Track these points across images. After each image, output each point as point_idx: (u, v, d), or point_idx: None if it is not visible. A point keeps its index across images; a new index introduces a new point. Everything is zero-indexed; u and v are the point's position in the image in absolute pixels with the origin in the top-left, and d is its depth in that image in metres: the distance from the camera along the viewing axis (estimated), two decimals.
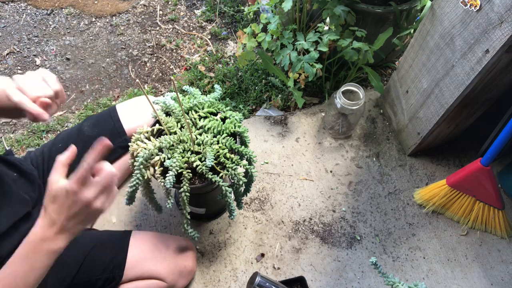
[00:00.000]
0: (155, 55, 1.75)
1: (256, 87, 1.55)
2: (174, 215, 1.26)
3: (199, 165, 0.89)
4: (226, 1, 1.90)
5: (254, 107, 1.54)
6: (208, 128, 0.96)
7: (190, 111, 0.99)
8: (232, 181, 0.95)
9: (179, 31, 1.83)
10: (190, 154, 0.92)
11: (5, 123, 1.54)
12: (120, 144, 1.16)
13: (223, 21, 1.87)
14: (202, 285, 1.14)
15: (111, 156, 1.17)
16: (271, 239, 1.22)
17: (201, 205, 1.16)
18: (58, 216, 0.65)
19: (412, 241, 1.23)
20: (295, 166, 1.37)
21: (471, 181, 1.15)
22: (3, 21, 1.83)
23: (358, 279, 1.16)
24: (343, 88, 1.30)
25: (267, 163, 1.37)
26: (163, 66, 1.72)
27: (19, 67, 1.69)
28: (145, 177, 0.89)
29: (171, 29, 1.84)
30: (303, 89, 1.54)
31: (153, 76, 1.69)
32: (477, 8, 0.93)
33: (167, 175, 0.85)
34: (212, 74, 1.64)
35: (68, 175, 1.13)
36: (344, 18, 1.24)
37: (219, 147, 0.93)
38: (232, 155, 0.93)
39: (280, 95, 1.52)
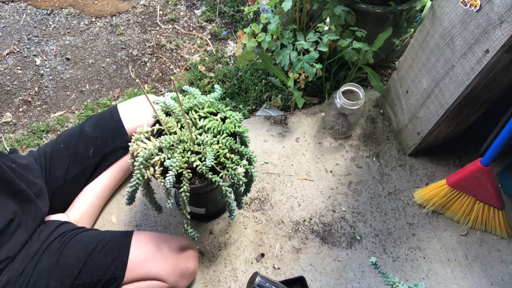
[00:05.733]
0: (155, 55, 1.75)
1: (256, 87, 1.56)
2: (174, 215, 1.26)
3: (199, 165, 0.89)
4: (226, 1, 1.90)
5: (254, 107, 1.54)
6: (208, 128, 0.96)
7: (190, 111, 0.99)
8: (232, 181, 0.95)
9: (179, 31, 1.83)
10: (190, 154, 0.92)
11: (5, 123, 1.54)
12: (121, 144, 1.16)
13: (223, 21, 1.87)
14: (202, 285, 1.14)
15: (113, 156, 1.17)
16: (271, 239, 1.22)
17: (201, 205, 1.16)
18: None
19: (412, 241, 1.23)
20: (295, 166, 1.37)
21: (471, 181, 1.15)
22: (3, 21, 1.83)
23: (358, 279, 1.16)
24: (343, 88, 1.30)
25: (267, 163, 1.37)
26: (163, 66, 1.72)
27: (19, 67, 1.69)
28: (145, 177, 0.89)
29: (171, 29, 1.84)
30: (303, 89, 1.54)
31: (153, 76, 1.69)
32: (477, 8, 0.93)
33: (167, 175, 0.85)
34: (212, 74, 1.64)
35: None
36: (344, 18, 1.24)
37: (219, 147, 0.93)
38: (232, 155, 0.93)
39: (280, 95, 1.52)
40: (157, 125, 0.96)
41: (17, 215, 0.93)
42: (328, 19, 1.31)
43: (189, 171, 0.90)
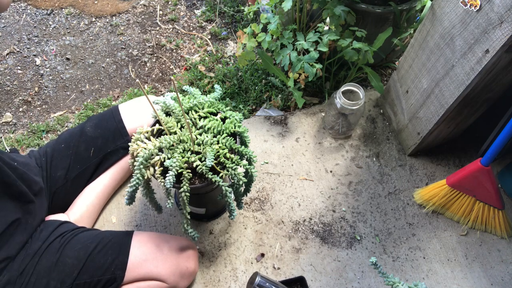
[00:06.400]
0: (155, 55, 1.75)
1: (256, 87, 1.56)
2: (174, 215, 1.26)
3: (199, 165, 0.89)
4: (226, 1, 1.90)
5: (254, 107, 1.54)
6: (208, 128, 0.96)
7: (190, 111, 0.99)
8: (232, 181, 0.95)
9: (179, 31, 1.83)
10: (190, 154, 0.92)
11: (5, 123, 1.54)
12: (122, 144, 1.16)
13: (223, 21, 1.87)
14: (202, 285, 1.14)
15: (113, 157, 1.17)
16: (271, 239, 1.22)
17: (201, 205, 1.16)
18: None
19: (412, 241, 1.23)
20: (295, 166, 1.37)
21: (471, 181, 1.15)
22: (3, 21, 1.83)
23: (358, 279, 1.16)
24: (343, 88, 1.30)
25: (267, 163, 1.37)
26: (163, 66, 1.72)
27: (19, 67, 1.69)
28: (145, 177, 0.89)
29: (171, 29, 1.84)
30: (303, 89, 1.54)
31: (153, 76, 1.69)
32: (477, 8, 0.93)
33: (167, 175, 0.85)
34: (212, 74, 1.64)
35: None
36: (344, 18, 1.24)
37: (219, 147, 0.93)
38: (232, 155, 0.93)
39: (280, 95, 1.52)
40: (157, 125, 0.97)
41: (18, 217, 0.93)
42: (328, 19, 1.31)
43: (189, 171, 0.90)
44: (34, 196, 1.00)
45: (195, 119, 0.98)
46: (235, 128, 0.96)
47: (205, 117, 0.99)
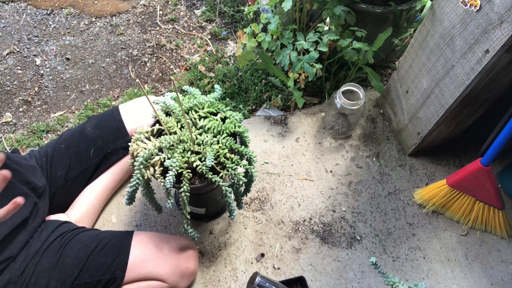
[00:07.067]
0: (155, 55, 1.75)
1: (256, 87, 1.56)
2: (174, 215, 1.26)
3: (199, 165, 0.89)
4: (226, 1, 1.90)
5: (254, 107, 1.54)
6: (208, 128, 0.96)
7: (190, 111, 0.99)
8: (232, 181, 0.95)
9: (179, 31, 1.83)
10: (190, 154, 0.92)
11: (5, 123, 1.54)
12: (122, 145, 1.16)
13: (223, 21, 1.87)
14: (202, 285, 1.14)
15: (114, 157, 1.17)
16: (271, 239, 1.22)
17: (201, 205, 1.16)
18: None
19: (412, 241, 1.23)
20: (295, 166, 1.37)
21: (471, 181, 1.15)
22: (3, 21, 1.83)
23: (358, 279, 1.16)
24: (343, 88, 1.30)
25: (267, 163, 1.37)
26: (163, 66, 1.72)
27: (19, 67, 1.69)
28: (145, 177, 0.89)
29: (171, 29, 1.84)
30: (303, 89, 1.54)
31: (153, 76, 1.69)
32: (477, 8, 0.93)
33: (167, 175, 0.85)
34: (212, 74, 1.64)
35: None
36: (344, 18, 1.24)
37: (219, 147, 0.93)
38: (232, 155, 0.93)
39: (280, 95, 1.52)
40: (157, 125, 0.97)
41: (22, 220, 0.93)
42: (328, 19, 1.31)
43: (189, 171, 0.90)
44: (38, 198, 1.00)
45: (195, 119, 0.98)
46: (235, 128, 0.96)
47: (205, 117, 0.99)
